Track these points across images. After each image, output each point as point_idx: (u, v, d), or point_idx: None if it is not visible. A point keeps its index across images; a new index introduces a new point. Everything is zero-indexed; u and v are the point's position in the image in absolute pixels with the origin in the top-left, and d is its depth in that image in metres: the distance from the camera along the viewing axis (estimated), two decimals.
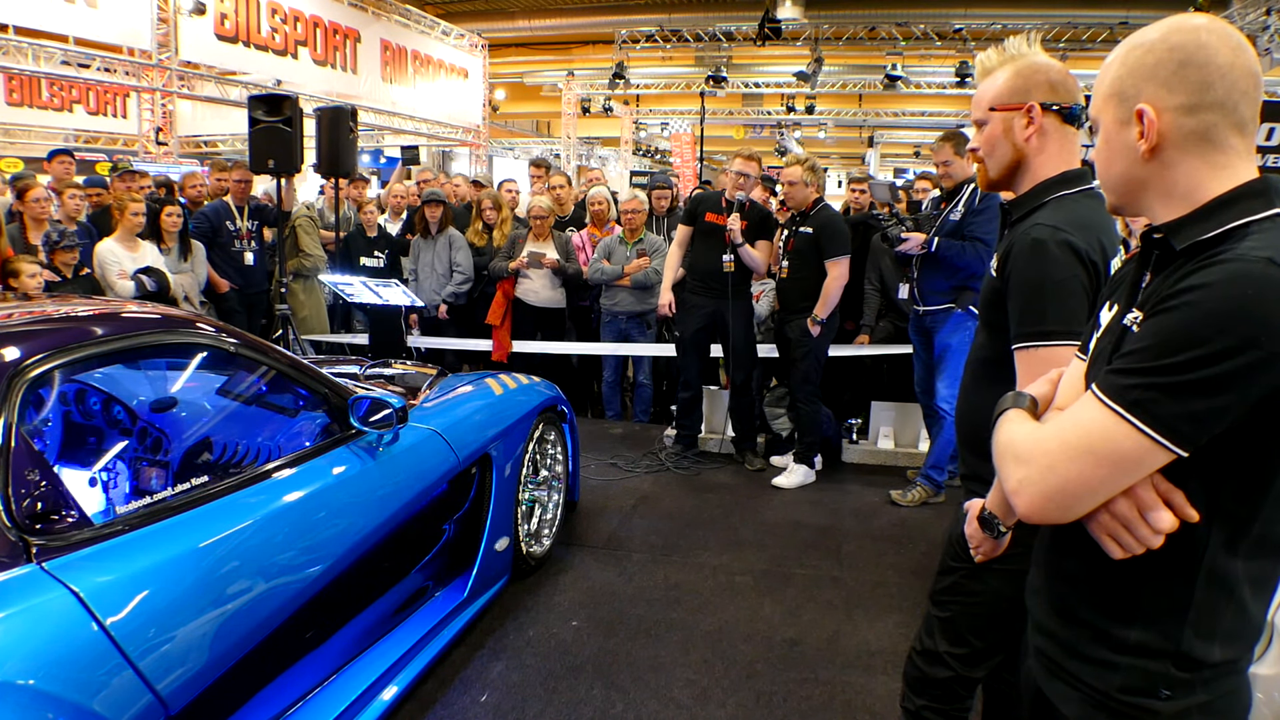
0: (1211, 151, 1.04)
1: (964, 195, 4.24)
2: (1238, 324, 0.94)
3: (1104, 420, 1.02)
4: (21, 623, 1.50)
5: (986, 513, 1.47)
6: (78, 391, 2.59)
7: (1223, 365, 0.94)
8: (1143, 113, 1.05)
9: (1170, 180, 1.06)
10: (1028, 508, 1.08)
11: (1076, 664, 1.15)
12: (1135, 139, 1.07)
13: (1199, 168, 1.04)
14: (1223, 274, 0.96)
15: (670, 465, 5.05)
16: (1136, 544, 1.04)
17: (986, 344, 1.81)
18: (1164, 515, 1.03)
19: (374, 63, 12.11)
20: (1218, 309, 0.95)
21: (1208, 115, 1.03)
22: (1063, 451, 1.05)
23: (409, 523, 2.64)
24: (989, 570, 1.67)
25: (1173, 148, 1.05)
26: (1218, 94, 1.02)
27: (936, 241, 4.23)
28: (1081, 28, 13.32)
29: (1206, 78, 1.02)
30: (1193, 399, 0.96)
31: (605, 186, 6.74)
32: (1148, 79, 1.05)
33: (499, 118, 20.34)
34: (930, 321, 4.35)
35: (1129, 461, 1.01)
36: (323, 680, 2.32)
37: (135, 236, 5.34)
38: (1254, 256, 0.96)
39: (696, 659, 2.96)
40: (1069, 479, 1.04)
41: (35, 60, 8.18)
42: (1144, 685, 1.09)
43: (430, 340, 6.17)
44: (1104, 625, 1.12)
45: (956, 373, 4.25)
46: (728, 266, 4.80)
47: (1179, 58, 1.03)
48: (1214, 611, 1.07)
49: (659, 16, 15.37)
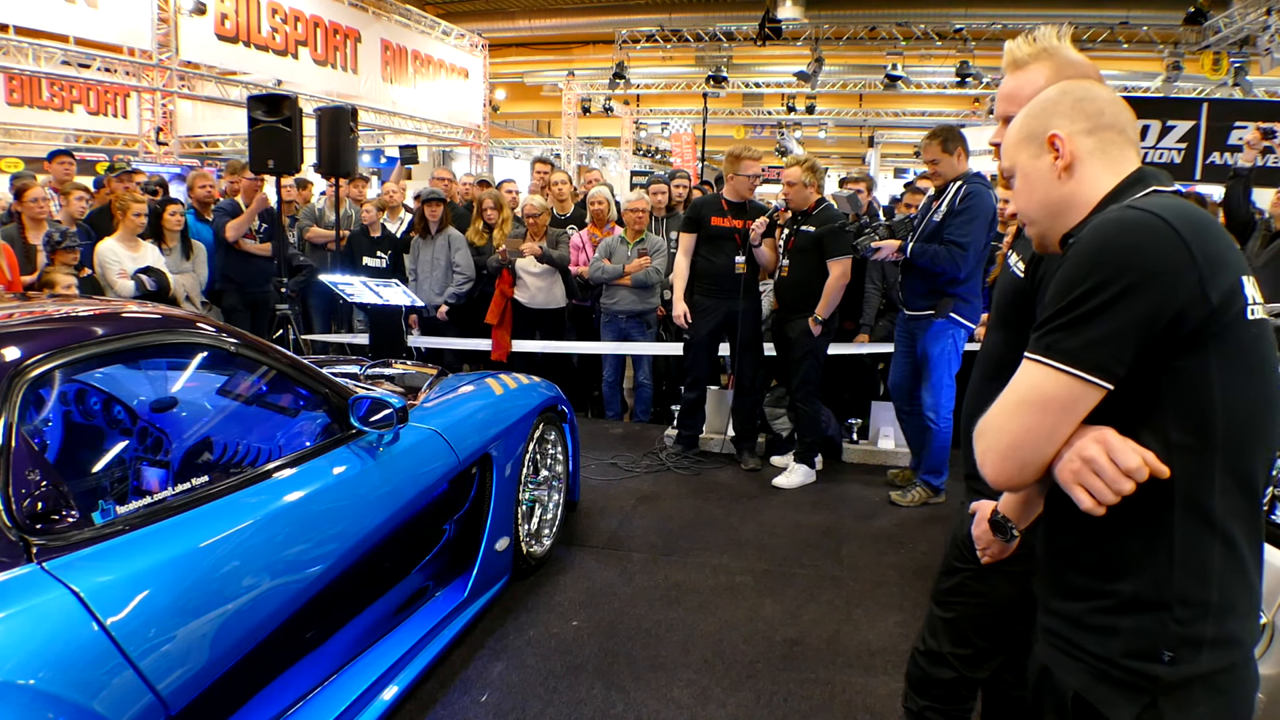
0: (1106, 159, 1.26)
1: (949, 195, 4.13)
2: (1105, 256, 1.10)
3: (1030, 372, 1.15)
4: (22, 622, 1.49)
5: (999, 516, 1.47)
6: (78, 391, 2.58)
7: (1103, 294, 1.09)
8: (1054, 138, 1.27)
9: (1077, 189, 1.27)
10: (992, 472, 1.19)
11: (1080, 634, 1.20)
12: (1050, 162, 1.27)
13: (1099, 173, 1.26)
14: (1091, 226, 1.17)
15: (671, 465, 5.05)
16: (1108, 490, 1.11)
17: (1002, 343, 1.79)
18: (1132, 455, 1.10)
19: (374, 63, 12.11)
20: (1087, 250, 1.13)
21: (1104, 134, 1.26)
22: (1004, 412, 1.18)
23: (409, 523, 2.64)
24: (995, 571, 1.66)
25: (1080, 163, 1.26)
26: (1108, 118, 1.27)
27: (910, 247, 4.16)
28: (1082, 28, 13.31)
29: (1098, 108, 1.27)
30: (1087, 328, 1.10)
31: (606, 186, 6.74)
32: (1052, 115, 1.28)
33: (499, 118, 20.33)
34: (915, 326, 4.31)
35: (1058, 402, 1.13)
36: (323, 680, 2.31)
37: (136, 236, 5.34)
38: (1115, 208, 1.17)
39: (697, 659, 2.96)
40: (1015, 434, 1.16)
41: (36, 60, 8.18)
42: (1145, 647, 1.13)
43: (430, 340, 6.17)
44: (1098, 585, 1.18)
45: (941, 381, 4.26)
46: (740, 268, 4.80)
47: (1073, 98, 1.29)
48: (1200, 551, 1.13)
49: (659, 16, 15.38)
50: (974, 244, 4.04)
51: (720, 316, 4.94)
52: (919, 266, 4.14)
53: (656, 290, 5.86)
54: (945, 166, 4.12)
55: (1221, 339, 1.10)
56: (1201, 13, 11.92)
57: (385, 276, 6.02)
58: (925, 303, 4.20)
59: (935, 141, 4.13)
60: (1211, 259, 1.09)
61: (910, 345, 4.38)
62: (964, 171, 4.14)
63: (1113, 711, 1.15)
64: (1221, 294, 1.09)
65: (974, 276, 4.20)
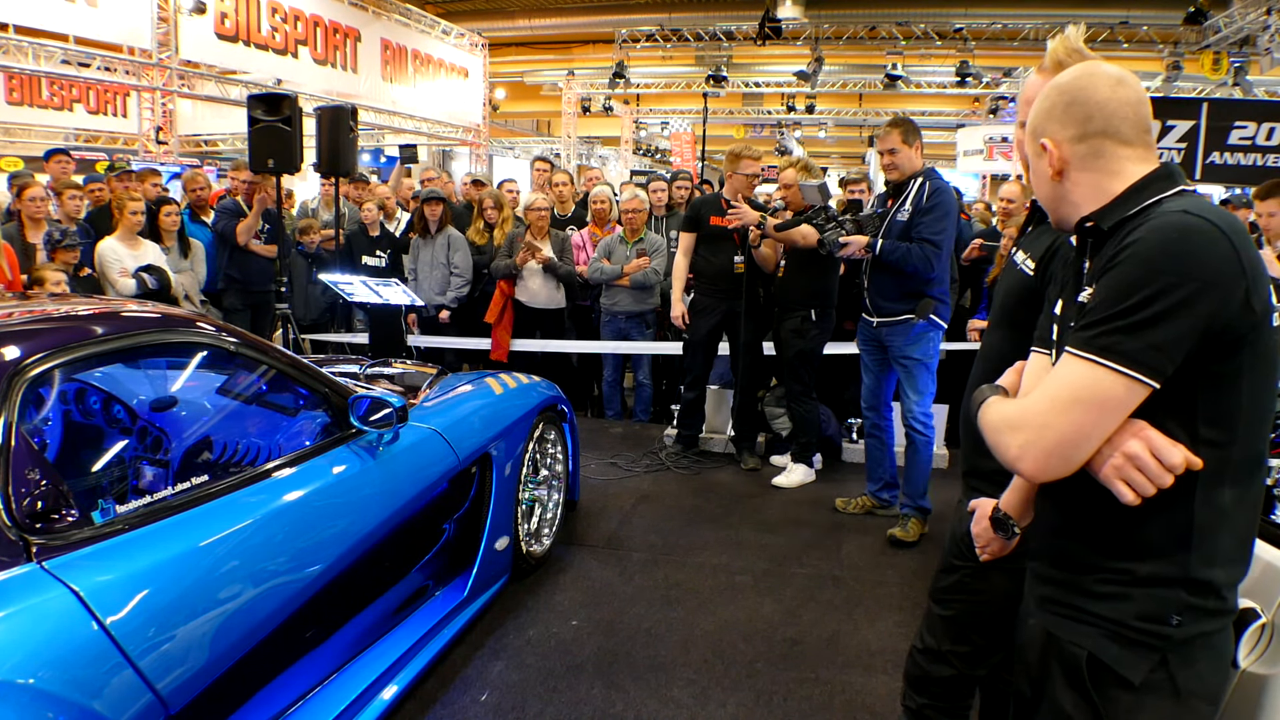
0: (1105, 164, 1.27)
1: (910, 192, 3.88)
2: (1170, 263, 1.13)
3: (1083, 371, 1.17)
4: (22, 622, 1.49)
5: (1000, 513, 1.48)
6: (78, 390, 2.58)
7: (1167, 299, 1.12)
8: (1044, 145, 1.31)
9: (1071, 191, 1.31)
10: (1033, 467, 1.21)
11: (1090, 601, 1.26)
12: (1047, 166, 1.32)
13: (1098, 179, 1.28)
14: (1150, 228, 1.16)
15: (670, 465, 5.05)
16: (1149, 484, 1.16)
17: (1006, 341, 1.79)
18: (1175, 452, 1.15)
19: (374, 62, 12.11)
20: (1152, 254, 1.14)
21: (1094, 140, 1.27)
22: (1053, 408, 1.19)
23: (409, 522, 2.64)
24: (993, 569, 1.67)
25: (1072, 169, 1.29)
26: (1097, 124, 1.26)
27: (880, 245, 3.86)
28: (1082, 28, 13.30)
29: (1088, 112, 1.27)
30: (1150, 332, 1.13)
31: (607, 185, 6.74)
32: (1046, 119, 1.31)
33: (499, 117, 20.34)
34: (887, 335, 4.00)
35: (1113, 401, 1.16)
36: (323, 679, 2.31)
37: (136, 235, 5.34)
38: (1172, 211, 1.18)
39: (696, 658, 2.96)
40: (1064, 430, 1.18)
41: (35, 59, 8.18)
42: (1158, 611, 1.21)
43: (430, 339, 6.17)
44: (1116, 564, 1.24)
45: (926, 386, 3.98)
46: (739, 268, 4.80)
47: (1066, 100, 1.29)
48: (1214, 537, 1.20)
49: (659, 16, 15.38)
50: (946, 242, 3.86)
51: (719, 316, 4.94)
52: (888, 267, 3.87)
53: (655, 290, 5.86)
54: (904, 159, 3.86)
55: (1254, 345, 1.16)
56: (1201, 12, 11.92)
57: (384, 276, 6.01)
58: (900, 306, 3.92)
59: (896, 131, 3.85)
60: (1254, 269, 1.15)
61: (880, 354, 4.08)
62: (921, 167, 3.91)
63: (1128, 670, 1.22)
64: (1262, 304, 1.15)
65: (944, 274, 3.97)
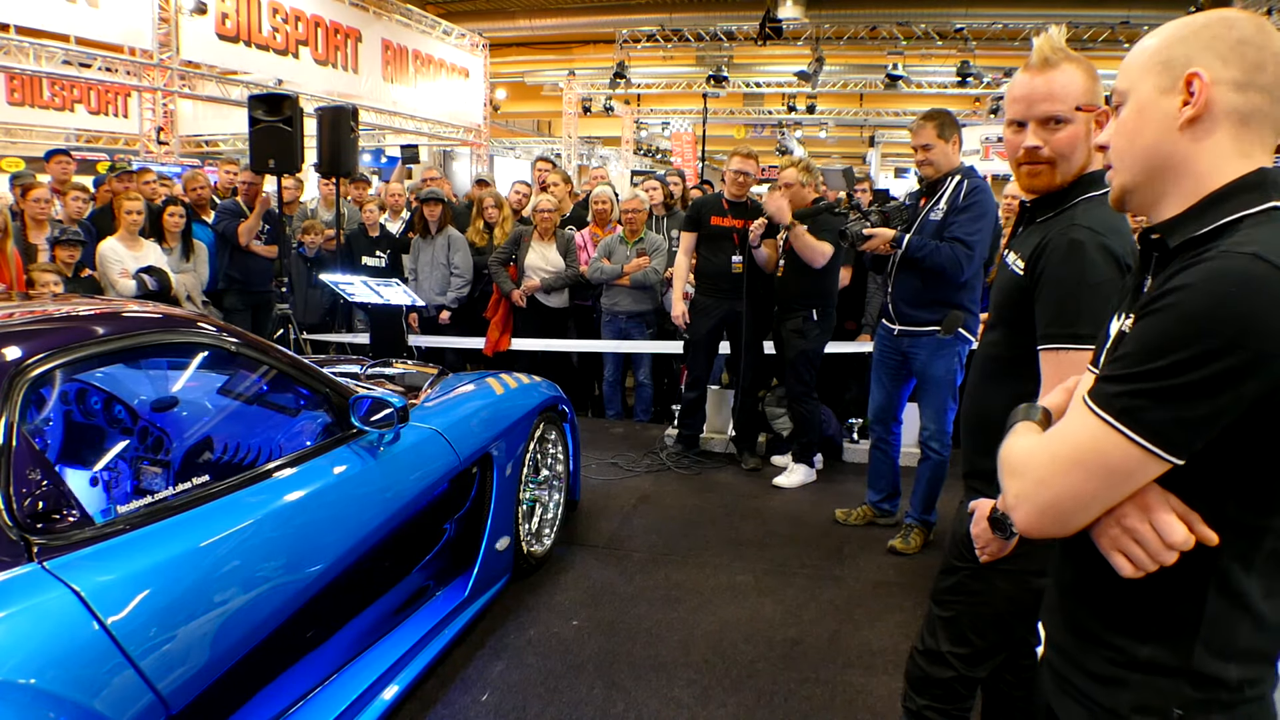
0: (1244, 134, 1.01)
1: (946, 190, 3.60)
2: (1220, 324, 0.90)
3: (1092, 430, 0.99)
4: (23, 622, 1.50)
5: (998, 513, 1.47)
6: (79, 391, 2.59)
7: (1209, 368, 0.91)
8: (1195, 77, 1.00)
9: (1195, 156, 1.02)
10: (1024, 523, 1.07)
11: (1086, 681, 1.12)
12: (1177, 107, 1.02)
13: (1226, 149, 1.01)
14: (1204, 273, 0.93)
15: (671, 465, 5.05)
16: (1149, 560, 1.00)
17: (1001, 341, 1.80)
18: (1178, 528, 0.98)
19: (375, 62, 12.11)
20: (1199, 309, 0.92)
21: (1255, 96, 1.00)
22: (1052, 465, 1.03)
23: (410, 522, 2.64)
24: (993, 570, 1.67)
25: (1211, 120, 1.01)
26: (1268, 78, 1.00)
27: (907, 240, 3.57)
28: (1082, 27, 13.32)
29: (1262, 59, 1.00)
30: (1181, 404, 0.93)
31: (609, 185, 6.74)
32: (1203, 49, 1.01)
33: (500, 117, 20.33)
34: (909, 346, 3.71)
35: (1120, 473, 0.98)
36: (324, 679, 2.31)
37: (138, 235, 5.34)
38: (1238, 252, 0.93)
39: (697, 658, 2.96)
40: (1060, 494, 1.02)
41: (36, 60, 8.18)
42: (1156, 703, 1.04)
43: (431, 339, 6.18)
44: (1113, 640, 1.08)
45: (946, 404, 3.73)
46: (737, 268, 4.80)
47: (1237, 35, 1.01)
48: (1228, 628, 1.02)
49: (660, 16, 15.37)
50: (980, 245, 3.54)
51: (719, 316, 4.94)
52: (915, 268, 3.58)
53: (655, 291, 5.86)
54: (939, 155, 3.56)
55: None
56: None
57: (384, 276, 6.02)
58: (925, 314, 3.63)
59: (931, 124, 3.55)
60: None
61: (899, 365, 3.81)
62: (959, 164, 3.64)
63: None
64: None
65: (977, 283, 3.68)
